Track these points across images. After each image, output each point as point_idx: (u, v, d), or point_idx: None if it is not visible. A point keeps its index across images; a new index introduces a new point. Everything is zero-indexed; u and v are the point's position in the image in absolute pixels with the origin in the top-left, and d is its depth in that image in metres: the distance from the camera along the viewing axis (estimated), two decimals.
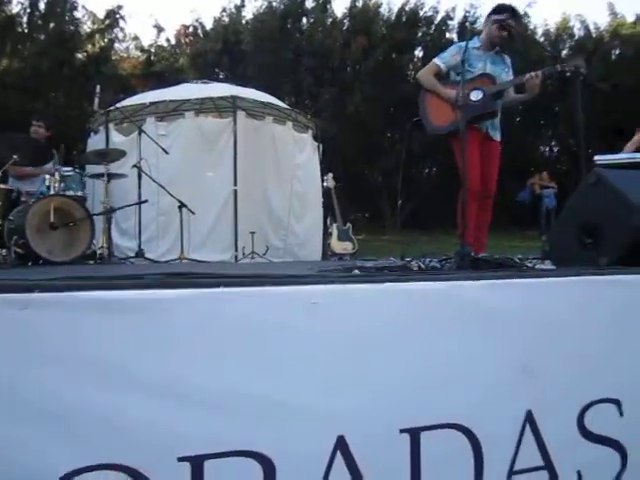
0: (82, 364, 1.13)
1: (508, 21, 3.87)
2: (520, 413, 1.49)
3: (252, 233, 6.27)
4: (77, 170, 5.09)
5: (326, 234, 7.59)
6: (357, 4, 15.17)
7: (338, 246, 7.22)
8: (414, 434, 1.36)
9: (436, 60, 4.02)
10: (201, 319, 1.18)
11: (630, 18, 15.37)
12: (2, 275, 2.30)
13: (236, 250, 6.41)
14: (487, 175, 3.91)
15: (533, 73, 3.80)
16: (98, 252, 4.91)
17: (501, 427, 1.47)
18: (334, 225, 7.50)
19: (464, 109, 3.73)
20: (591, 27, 15.56)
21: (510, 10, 3.93)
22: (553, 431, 1.53)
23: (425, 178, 15.05)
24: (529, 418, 1.50)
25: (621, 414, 1.63)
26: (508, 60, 4.10)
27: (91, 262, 4.73)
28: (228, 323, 1.20)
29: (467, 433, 1.42)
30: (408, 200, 14.30)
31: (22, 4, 13.80)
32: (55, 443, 1.12)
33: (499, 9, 3.93)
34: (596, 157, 4.55)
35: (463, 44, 3.95)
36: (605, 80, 13.54)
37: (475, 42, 3.93)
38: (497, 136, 4.03)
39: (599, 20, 16.07)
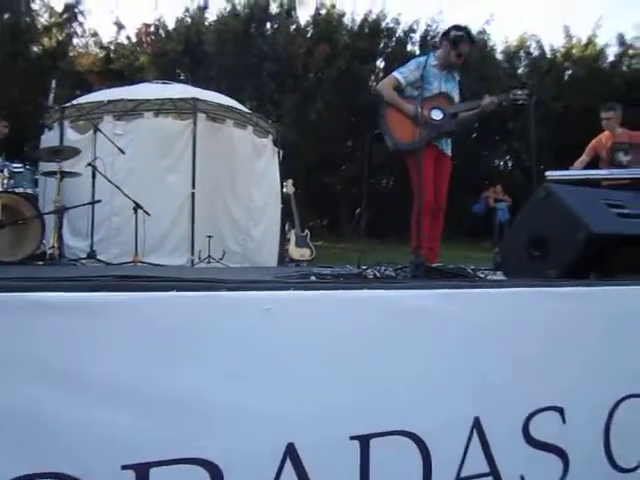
0: (24, 367, 1.08)
1: (462, 46, 4.00)
2: (468, 420, 1.52)
3: (209, 237, 6.21)
4: (28, 167, 4.94)
5: (284, 240, 7.58)
6: (321, 12, 15.29)
7: (296, 252, 7.22)
8: (364, 441, 1.37)
9: (395, 74, 4.10)
10: (152, 324, 1.16)
11: (583, 41, 16.03)
12: None
13: (192, 254, 6.33)
14: (438, 190, 4.04)
15: (488, 100, 3.94)
16: (48, 252, 4.77)
17: (449, 434, 1.49)
18: (292, 231, 7.50)
19: (427, 127, 3.85)
20: (547, 48, 16.17)
21: (466, 32, 4.06)
22: (499, 438, 1.57)
23: (383, 188, 15.23)
24: (477, 425, 1.53)
25: (564, 421, 1.68)
26: (457, 78, 4.26)
27: (40, 263, 4.59)
28: (180, 328, 1.18)
29: (416, 440, 1.44)
30: (366, 210, 14.42)
31: None
32: None
33: (454, 30, 4.04)
34: (547, 173, 4.72)
35: (422, 59, 4.05)
36: (557, 99, 14.09)
37: (432, 59, 4.02)
38: (449, 151, 4.16)
39: (555, 41, 16.61)
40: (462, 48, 4.01)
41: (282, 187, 7.79)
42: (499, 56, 16.31)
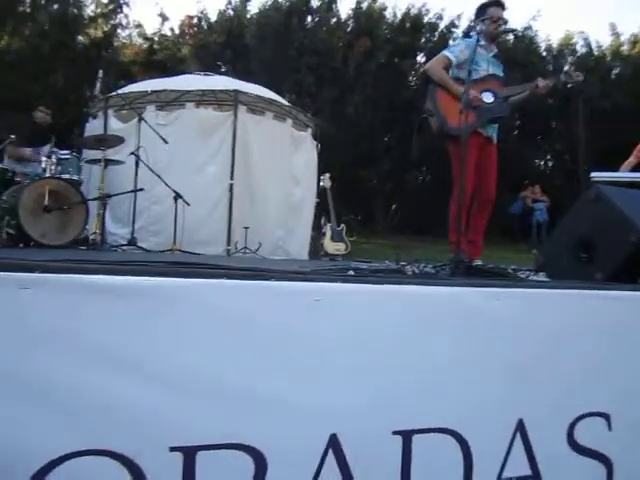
0: (81, 347, 1.12)
1: (493, 10, 3.88)
2: (512, 421, 1.50)
3: (246, 228, 6.26)
4: (74, 154, 5.06)
5: (319, 234, 7.59)
6: (362, 6, 15.18)
7: (331, 246, 7.22)
8: (406, 436, 1.36)
9: (446, 52, 3.94)
10: (203, 310, 1.18)
11: (631, 39, 15.52)
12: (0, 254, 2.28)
13: (228, 244, 6.39)
14: (487, 178, 3.88)
15: (542, 82, 3.80)
16: (91, 238, 4.88)
17: (492, 434, 1.48)
18: (328, 225, 7.50)
19: (478, 111, 3.72)
20: (593, 45, 15.70)
21: (500, 3, 3.94)
22: (543, 441, 1.54)
23: (419, 184, 15.09)
24: (520, 427, 1.51)
25: (610, 428, 1.64)
26: (502, 65, 4.11)
27: (83, 247, 4.70)
28: (230, 315, 1.19)
29: (458, 438, 1.42)
30: (401, 205, 14.34)
31: None
32: (49, 425, 1.10)
33: (491, 3, 3.93)
34: (592, 174, 4.58)
35: (470, 40, 3.94)
36: (603, 98, 13.68)
37: (480, 40, 3.89)
38: (495, 138, 4.00)
39: (601, 39, 16.15)
40: (493, 12, 3.89)
41: (319, 181, 7.79)
42: (544, 53, 15.91)
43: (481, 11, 3.98)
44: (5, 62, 12.54)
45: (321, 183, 7.77)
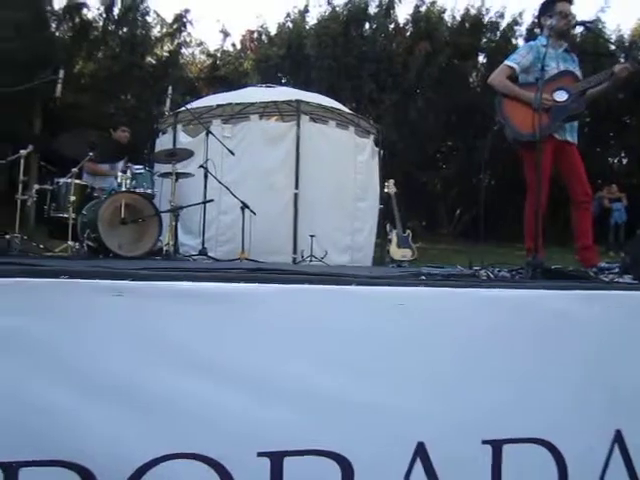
0: (171, 353, 1.14)
1: (560, 5, 3.71)
2: (609, 432, 1.41)
3: (312, 236, 6.29)
4: (147, 168, 5.26)
5: (385, 240, 7.52)
6: (421, 10, 15.05)
7: (397, 253, 7.12)
8: (497, 446, 1.31)
9: (508, 62, 3.83)
10: (288, 314, 1.18)
11: None
12: (91, 264, 2.39)
13: (295, 253, 6.45)
14: (577, 179, 3.70)
15: (621, 66, 3.60)
16: (164, 249, 5.04)
17: (588, 446, 1.39)
18: (394, 231, 7.41)
19: (553, 111, 3.57)
20: None
21: None
22: None
23: (485, 188, 14.72)
24: (618, 438, 1.42)
25: None
26: (576, 58, 3.92)
27: (158, 258, 4.86)
28: (314, 321, 1.19)
29: (551, 449, 1.35)
30: (466, 210, 14.03)
31: (98, 9, 14.47)
32: (142, 429, 1.14)
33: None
34: None
35: (533, 43, 3.81)
36: None
37: (543, 41, 3.75)
38: (573, 138, 3.82)
39: None
40: (562, 7, 3.72)
41: (383, 187, 7.74)
42: (613, 47, 15.18)
43: (548, 6, 3.83)
44: (80, 85, 13.28)
45: (385, 189, 7.70)
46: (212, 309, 1.17)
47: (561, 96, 3.63)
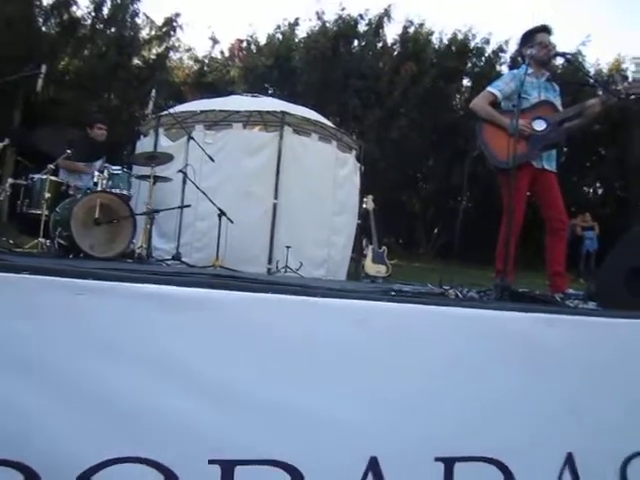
0: (130, 354, 1.13)
1: (540, 36, 3.83)
2: (561, 455, 1.43)
3: (287, 247, 6.29)
4: (125, 170, 5.22)
5: (360, 255, 7.56)
6: (409, 31, 15.29)
7: (372, 268, 7.16)
8: (448, 464, 1.32)
9: (491, 88, 3.91)
10: (249, 323, 1.18)
11: None
12: (54, 263, 2.36)
13: (270, 263, 6.44)
14: (553, 206, 3.78)
15: (593, 100, 3.71)
16: (137, 251, 4.99)
17: (539, 467, 1.41)
18: (370, 247, 7.45)
19: (531, 140, 3.66)
20: None
21: (547, 29, 3.89)
22: (593, 477, 1.47)
23: (463, 210, 14.91)
24: (569, 461, 1.44)
25: None
26: (557, 88, 4.02)
27: (130, 260, 4.81)
28: (275, 330, 1.19)
29: (503, 469, 1.37)
30: (443, 230, 14.18)
31: (87, 8, 14.39)
32: (93, 430, 1.12)
33: (539, 29, 3.89)
34: None
35: (516, 71, 3.91)
36: None
37: (527, 69, 3.84)
38: (553, 167, 3.90)
39: None
40: (542, 38, 3.83)
41: (362, 203, 7.79)
42: (594, 78, 15.59)
43: (529, 37, 3.94)
44: (64, 81, 13.15)
45: (364, 205, 7.76)
46: (174, 313, 1.16)
47: (540, 125, 3.71)
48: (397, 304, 1.29)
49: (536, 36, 3.84)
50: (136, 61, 15.40)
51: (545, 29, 3.87)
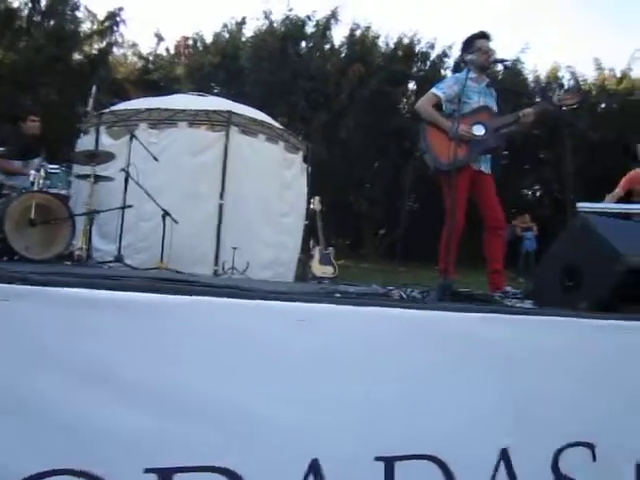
0: (60, 362, 1.09)
1: (480, 42, 3.98)
2: (496, 450, 1.48)
3: (234, 248, 6.23)
4: (64, 168, 5.04)
5: (307, 256, 7.58)
6: (356, 34, 15.44)
7: (319, 269, 7.21)
8: (389, 463, 1.33)
9: (434, 90, 4.01)
10: (185, 326, 1.15)
11: (615, 74, 15.86)
12: None
13: (216, 264, 6.36)
14: (491, 207, 3.93)
15: (526, 111, 3.88)
16: (76, 253, 4.83)
17: (476, 463, 1.45)
18: (317, 248, 7.49)
19: (471, 144, 3.78)
20: (579, 79, 16.03)
21: (486, 35, 4.04)
22: (526, 471, 1.52)
23: (408, 212, 15.19)
24: (504, 456, 1.49)
25: (594, 459, 1.62)
26: (495, 94, 4.18)
27: (68, 263, 4.65)
28: (213, 333, 1.17)
29: (442, 466, 1.40)
30: (390, 231, 14.40)
31: None
32: (22, 441, 1.07)
33: (479, 35, 4.04)
34: (579, 204, 4.63)
35: (459, 75, 4.03)
36: (591, 131, 13.96)
37: (470, 73, 3.96)
38: (488, 169, 4.05)
39: (587, 73, 16.42)
40: (482, 44, 3.98)
41: (309, 204, 7.81)
42: (532, 84, 16.22)
43: (469, 43, 4.08)
44: None
45: (311, 206, 7.79)
46: (107, 318, 1.12)
47: (479, 130, 3.85)
48: (337, 306, 1.30)
49: (476, 42, 3.98)
50: (77, 56, 14.87)
51: (484, 35, 4.01)
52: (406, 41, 15.46)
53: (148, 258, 5.92)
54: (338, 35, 15.62)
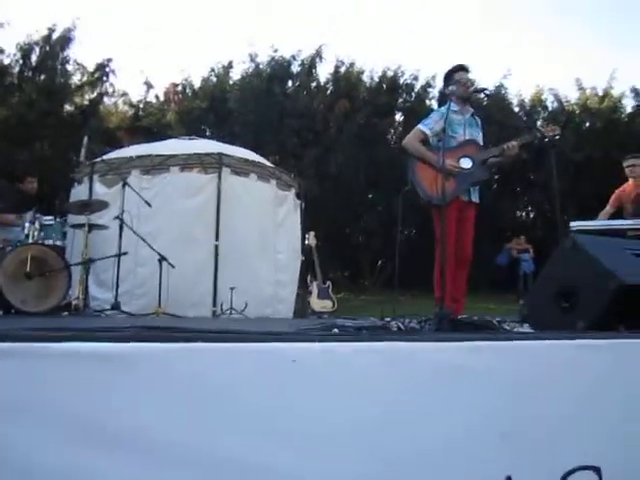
0: (36, 414, 1.07)
1: (459, 74, 4.10)
2: (499, 479, 1.46)
3: (232, 289, 6.23)
4: (58, 220, 5.09)
5: (305, 292, 7.58)
6: (340, 70, 15.77)
7: (317, 304, 7.20)
8: None
9: (420, 127, 4.11)
10: (175, 375, 1.15)
11: (598, 93, 16.15)
12: None
13: (214, 305, 6.35)
14: (463, 240, 4.01)
15: (510, 143, 3.97)
16: (73, 303, 4.83)
17: None
18: (314, 283, 7.50)
19: (459, 178, 3.88)
20: (563, 100, 16.32)
21: (464, 68, 4.17)
22: None
23: (405, 240, 15.25)
24: None
25: None
26: (480, 122, 4.28)
27: (65, 313, 4.64)
28: (201, 380, 1.16)
29: None
30: (388, 261, 14.41)
31: (14, 55, 14.08)
32: None
33: (457, 69, 4.16)
34: (572, 223, 4.68)
35: (443, 109, 4.13)
36: (577, 151, 14.15)
37: (453, 106, 4.06)
38: (476, 198, 4.13)
39: (569, 94, 16.72)
40: (461, 76, 4.10)
41: (304, 239, 7.85)
42: (517, 108, 16.49)
43: (449, 77, 4.22)
44: None
45: (306, 241, 7.83)
46: (85, 370, 1.10)
47: (466, 163, 3.95)
48: (329, 343, 1.29)
49: (454, 75, 4.10)
50: (68, 107, 15.11)
51: (462, 68, 4.13)
52: (390, 74, 15.78)
53: (146, 304, 5.92)
54: (323, 72, 15.95)
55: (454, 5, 28.91)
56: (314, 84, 15.71)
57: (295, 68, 15.66)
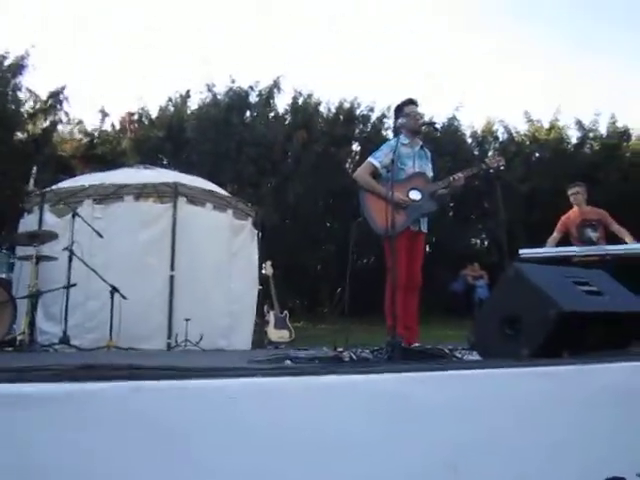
0: None
1: (408, 108, 4.26)
2: None
3: (187, 320, 6.12)
4: (4, 251, 4.93)
5: (262, 322, 7.51)
6: (298, 101, 16.00)
7: (275, 334, 7.14)
8: None
9: (371, 160, 4.22)
10: (110, 415, 1.12)
11: (545, 125, 16.91)
12: None
13: (169, 337, 6.22)
14: (412, 267, 4.09)
15: (457, 175, 4.13)
16: (18, 338, 4.65)
17: None
18: (271, 313, 7.45)
19: (409, 209, 3.98)
20: (512, 131, 17.00)
21: (413, 102, 4.32)
22: None
23: (363, 268, 15.36)
24: None
25: None
26: (429, 154, 4.42)
27: (9, 349, 4.46)
28: (141, 419, 1.14)
29: None
30: (347, 293, 14.45)
31: None
32: None
33: (407, 102, 4.31)
34: (521, 251, 4.84)
35: (393, 142, 4.24)
36: (524, 181, 14.74)
37: (403, 139, 4.20)
38: (425, 228, 4.24)
39: (519, 126, 17.44)
40: (410, 109, 4.24)
41: (261, 269, 7.82)
42: (469, 140, 17.06)
43: (399, 111, 4.37)
44: None
45: (263, 271, 7.80)
46: (20, 412, 1.07)
47: (415, 195, 4.07)
48: (270, 378, 1.29)
49: (404, 108, 4.24)
50: (20, 135, 14.76)
51: (412, 102, 4.27)
52: (347, 106, 16.12)
53: (97, 337, 5.75)
54: (281, 103, 16.15)
55: (411, 39, 29.97)
56: (272, 114, 15.88)
57: (253, 98, 15.82)
